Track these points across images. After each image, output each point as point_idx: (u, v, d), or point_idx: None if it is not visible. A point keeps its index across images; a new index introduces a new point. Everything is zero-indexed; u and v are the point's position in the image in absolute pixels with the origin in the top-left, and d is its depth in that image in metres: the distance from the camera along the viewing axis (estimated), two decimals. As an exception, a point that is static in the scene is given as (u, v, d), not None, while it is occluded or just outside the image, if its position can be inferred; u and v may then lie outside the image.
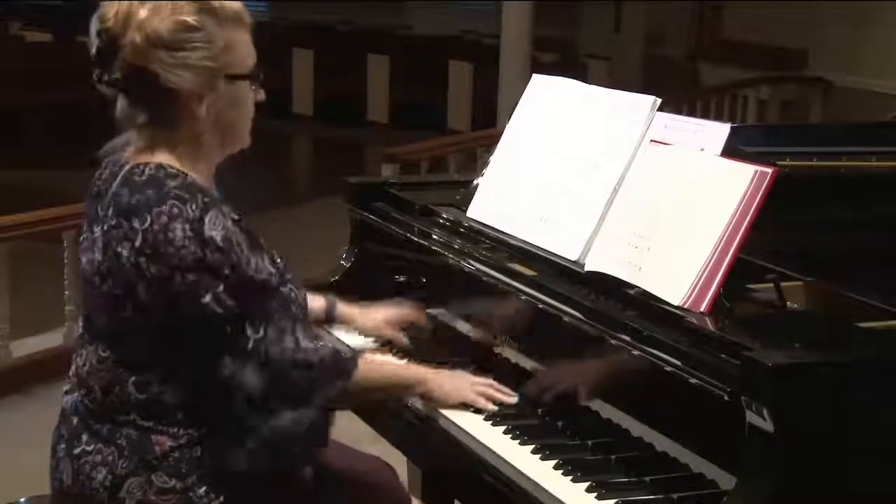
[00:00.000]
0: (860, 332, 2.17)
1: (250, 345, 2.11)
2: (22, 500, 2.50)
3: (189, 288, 2.07)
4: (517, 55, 10.59)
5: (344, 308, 2.75)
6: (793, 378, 1.85)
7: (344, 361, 2.24)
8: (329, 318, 2.73)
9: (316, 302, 2.67)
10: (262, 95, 2.28)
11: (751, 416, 1.87)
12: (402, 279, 3.03)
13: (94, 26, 2.17)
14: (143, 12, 2.13)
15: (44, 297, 5.98)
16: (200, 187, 2.13)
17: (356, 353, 2.31)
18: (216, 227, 2.08)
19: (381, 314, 2.76)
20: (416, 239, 2.88)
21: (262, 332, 2.11)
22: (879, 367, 1.97)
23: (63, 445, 2.23)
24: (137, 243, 2.08)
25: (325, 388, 2.19)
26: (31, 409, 4.99)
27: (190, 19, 2.14)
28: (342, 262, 3.13)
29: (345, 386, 2.23)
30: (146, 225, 2.07)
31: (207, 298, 2.07)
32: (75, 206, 5.59)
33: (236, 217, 2.14)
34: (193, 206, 2.08)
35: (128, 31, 2.13)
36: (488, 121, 10.19)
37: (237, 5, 2.22)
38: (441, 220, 2.89)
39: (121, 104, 2.20)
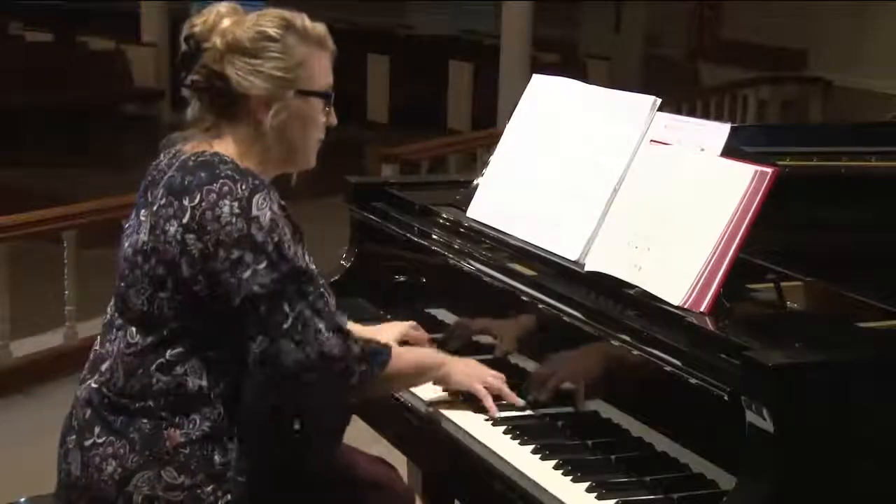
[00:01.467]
0: (860, 332, 2.17)
1: (287, 323, 2.12)
2: (22, 500, 2.50)
3: (231, 265, 2.11)
4: (517, 55, 10.62)
5: (354, 328, 2.71)
6: (793, 378, 1.85)
7: (379, 350, 2.25)
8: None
9: None
10: (334, 120, 2.36)
11: (751, 416, 1.86)
12: (402, 279, 3.03)
13: (184, 31, 2.27)
14: (227, 21, 2.24)
15: (44, 297, 5.98)
16: (251, 172, 2.18)
17: (388, 345, 2.31)
18: (263, 207, 2.14)
19: (391, 332, 2.69)
20: (416, 239, 2.88)
21: (298, 312, 2.12)
22: (879, 367, 1.97)
23: (73, 436, 2.23)
24: (185, 220, 2.13)
25: (359, 372, 2.19)
26: (31, 409, 5.00)
27: (271, 31, 2.24)
28: (342, 262, 3.13)
29: (379, 373, 2.22)
30: (196, 202, 2.13)
31: (247, 275, 2.10)
32: (75, 206, 5.61)
33: (283, 204, 2.19)
34: (243, 186, 2.14)
35: (212, 37, 2.23)
36: (488, 121, 10.20)
37: (322, 29, 2.31)
38: (441, 220, 2.89)
39: (193, 107, 2.29)
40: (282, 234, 2.14)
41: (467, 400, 2.43)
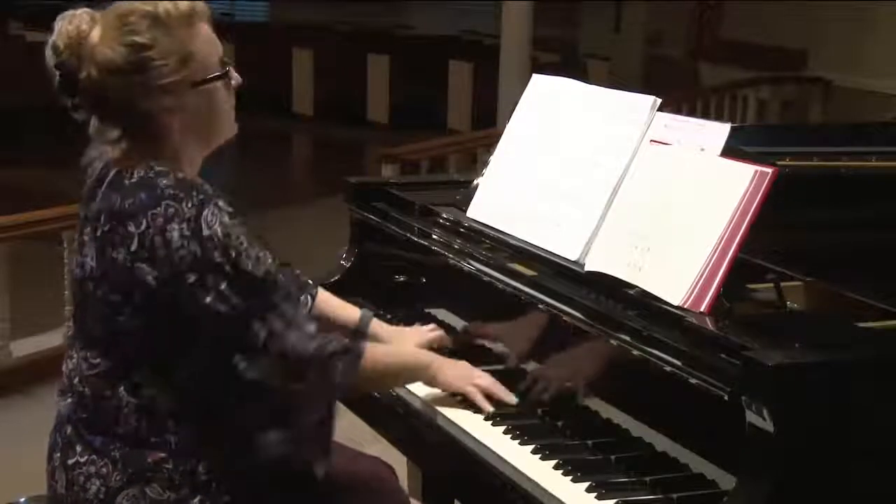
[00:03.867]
0: (860, 332, 2.17)
1: (261, 340, 2.08)
2: (22, 500, 2.50)
3: (191, 289, 2.04)
4: (517, 55, 10.60)
5: (377, 327, 2.66)
6: (793, 378, 1.86)
7: (353, 344, 2.23)
8: (360, 333, 2.60)
9: (351, 313, 2.64)
10: (237, 80, 2.22)
11: (751, 416, 1.86)
12: (402, 279, 3.03)
13: (49, 58, 2.12)
14: (94, 37, 2.08)
15: (44, 297, 5.98)
16: (193, 183, 2.09)
17: (362, 337, 2.30)
18: (213, 223, 2.04)
19: (413, 338, 2.65)
20: (416, 239, 2.88)
21: (270, 326, 2.09)
22: (879, 367, 1.97)
23: (58, 453, 2.21)
24: (133, 247, 2.05)
25: (341, 371, 2.17)
26: (31, 409, 4.99)
27: (140, 39, 2.07)
28: (342, 262, 3.13)
29: (359, 369, 2.20)
30: (142, 228, 2.04)
31: (209, 298, 2.04)
32: (75, 207, 5.57)
33: (231, 210, 2.10)
34: (189, 205, 2.04)
35: (83, 64, 2.09)
36: (488, 121, 10.20)
37: (185, 4, 2.13)
38: (441, 220, 2.89)
39: (93, 122, 2.17)
40: (238, 247, 2.06)
41: (466, 399, 2.43)
